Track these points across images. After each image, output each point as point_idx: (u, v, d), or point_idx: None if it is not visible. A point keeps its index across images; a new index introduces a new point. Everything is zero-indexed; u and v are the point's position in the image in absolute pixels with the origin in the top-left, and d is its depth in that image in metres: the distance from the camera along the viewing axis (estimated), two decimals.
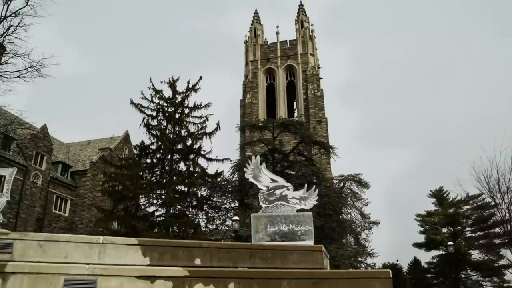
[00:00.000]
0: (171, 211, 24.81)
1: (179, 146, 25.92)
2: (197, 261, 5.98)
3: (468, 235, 40.92)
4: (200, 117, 26.81)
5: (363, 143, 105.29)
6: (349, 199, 34.00)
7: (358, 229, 33.86)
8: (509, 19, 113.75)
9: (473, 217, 40.22)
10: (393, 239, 62.02)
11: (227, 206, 27.21)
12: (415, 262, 47.10)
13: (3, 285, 4.80)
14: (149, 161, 26.01)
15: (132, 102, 26.27)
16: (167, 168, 25.78)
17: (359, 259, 29.52)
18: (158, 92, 26.78)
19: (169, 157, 25.55)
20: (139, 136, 40.53)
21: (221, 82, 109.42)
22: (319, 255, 6.38)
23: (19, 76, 20.36)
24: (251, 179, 7.73)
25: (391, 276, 5.50)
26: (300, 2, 49.37)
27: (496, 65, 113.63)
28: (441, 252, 41.07)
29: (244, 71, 47.09)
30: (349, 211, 33.83)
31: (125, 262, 5.69)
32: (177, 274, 5.16)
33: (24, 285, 4.85)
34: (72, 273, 4.96)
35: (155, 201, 25.28)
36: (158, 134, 25.91)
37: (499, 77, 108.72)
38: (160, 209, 25.22)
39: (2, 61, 20.92)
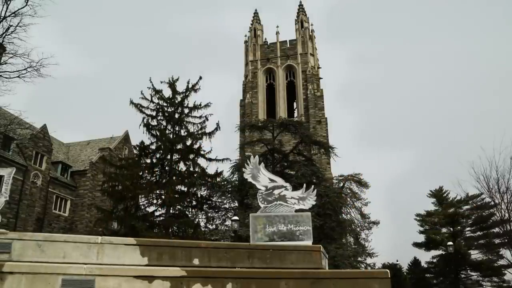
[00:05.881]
0: (171, 211, 24.81)
1: (179, 146, 25.91)
2: (196, 261, 5.99)
3: (467, 235, 40.93)
4: (200, 117, 26.84)
5: (363, 143, 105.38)
6: (348, 199, 34.06)
7: (358, 229, 33.92)
8: (495, 16, 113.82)
9: (473, 217, 40.24)
10: (393, 239, 62.04)
11: (226, 206, 27.21)
12: (415, 262, 47.10)
13: (1, 285, 4.80)
14: (148, 161, 26.00)
15: (131, 102, 26.30)
16: (166, 168, 25.77)
17: (359, 259, 29.53)
18: (157, 92, 26.78)
19: (168, 157, 25.54)
20: (139, 136, 40.63)
21: (221, 82, 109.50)
22: (317, 255, 6.38)
23: (18, 76, 20.41)
24: (250, 179, 7.73)
25: (389, 276, 5.50)
26: (300, 2, 49.35)
27: (496, 64, 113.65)
28: (441, 252, 41.09)
29: (244, 71, 47.07)
30: (348, 211, 33.91)
31: (123, 262, 5.69)
32: (175, 274, 5.16)
33: (22, 285, 4.85)
34: (70, 273, 4.97)
35: (154, 201, 25.27)
36: (158, 134, 25.91)
37: (499, 77, 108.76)
38: (159, 209, 25.24)
39: (2, 61, 20.93)
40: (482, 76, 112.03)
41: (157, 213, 25.33)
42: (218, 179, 26.17)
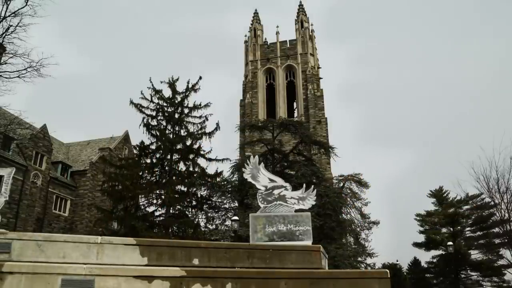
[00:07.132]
0: (171, 211, 24.81)
1: (179, 146, 25.92)
2: (195, 261, 5.98)
3: (467, 235, 40.94)
4: (200, 117, 26.86)
5: (363, 143, 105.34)
6: (348, 199, 34.07)
7: (358, 229, 33.93)
8: (497, 19, 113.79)
9: (473, 217, 40.25)
10: (393, 239, 62.01)
11: (226, 206, 27.22)
12: (415, 262, 47.09)
13: (1, 285, 4.80)
14: (148, 161, 26.01)
15: (131, 102, 26.32)
16: (166, 168, 25.77)
17: (359, 259, 29.54)
18: (157, 92, 26.80)
19: (168, 157, 25.55)
20: (139, 136, 40.70)
21: (221, 82, 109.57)
22: (317, 255, 6.38)
23: (18, 76, 20.39)
24: (250, 179, 7.74)
25: (389, 276, 5.50)
26: (300, 2, 49.37)
27: (496, 64, 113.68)
28: (440, 252, 41.10)
29: (244, 71, 47.08)
30: (348, 211, 33.92)
31: (123, 262, 5.69)
32: (174, 274, 5.16)
33: (22, 285, 4.86)
34: (69, 273, 4.97)
35: (154, 201, 25.28)
36: (158, 134, 25.92)
37: (499, 76, 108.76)
38: (159, 209, 25.24)
39: (2, 61, 20.91)
40: (482, 76, 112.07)
41: (157, 213, 25.37)
42: (218, 179, 26.17)
